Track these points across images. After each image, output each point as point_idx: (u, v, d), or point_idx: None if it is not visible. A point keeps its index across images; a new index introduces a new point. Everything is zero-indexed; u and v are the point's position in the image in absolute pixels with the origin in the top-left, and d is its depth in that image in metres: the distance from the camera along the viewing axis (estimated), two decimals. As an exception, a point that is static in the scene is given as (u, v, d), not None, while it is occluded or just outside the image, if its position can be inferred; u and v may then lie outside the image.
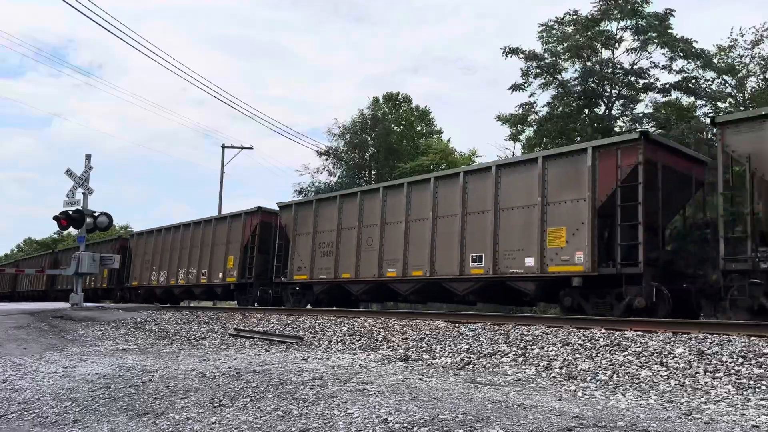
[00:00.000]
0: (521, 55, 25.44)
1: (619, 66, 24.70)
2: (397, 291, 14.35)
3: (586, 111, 25.49)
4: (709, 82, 23.90)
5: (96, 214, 17.15)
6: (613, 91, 25.09)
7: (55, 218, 17.01)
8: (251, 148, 37.75)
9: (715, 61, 23.78)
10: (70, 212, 16.93)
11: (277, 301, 17.91)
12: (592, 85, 24.87)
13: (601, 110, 25.54)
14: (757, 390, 5.18)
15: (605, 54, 25.15)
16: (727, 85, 24.18)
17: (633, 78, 24.65)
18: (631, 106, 25.13)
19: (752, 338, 6.53)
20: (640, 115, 24.85)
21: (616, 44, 24.84)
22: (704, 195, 12.10)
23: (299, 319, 11.60)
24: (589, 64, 24.81)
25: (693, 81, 23.87)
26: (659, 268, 10.57)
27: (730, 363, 5.86)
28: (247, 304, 18.44)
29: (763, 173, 9.05)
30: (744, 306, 9.07)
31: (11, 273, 36.75)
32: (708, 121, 23.39)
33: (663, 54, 23.94)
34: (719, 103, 23.56)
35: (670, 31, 23.33)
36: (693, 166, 11.65)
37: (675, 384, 5.57)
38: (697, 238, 10.92)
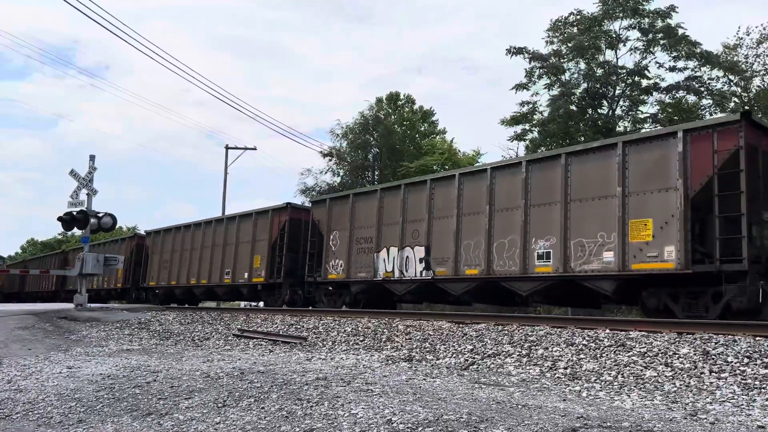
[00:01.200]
0: (526, 55, 25.40)
1: (622, 66, 24.66)
2: (195, 293, 21.95)
3: (590, 111, 25.45)
4: (714, 81, 23.84)
5: (100, 214, 17.18)
6: (617, 91, 25.05)
7: (60, 219, 17.05)
8: (255, 148, 37.79)
9: (721, 59, 23.72)
10: (75, 213, 16.96)
11: (147, 300, 24.76)
12: (596, 86, 24.83)
13: (604, 111, 25.50)
14: (762, 390, 5.16)
15: (609, 54, 25.12)
16: (732, 84, 24.10)
17: (637, 78, 24.60)
18: (633, 107, 25.07)
19: (757, 338, 6.50)
20: (643, 115, 24.82)
21: (620, 44, 24.81)
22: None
23: (303, 320, 11.61)
24: (592, 64, 24.78)
25: (697, 80, 23.82)
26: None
27: (736, 363, 5.83)
28: (132, 302, 25.06)
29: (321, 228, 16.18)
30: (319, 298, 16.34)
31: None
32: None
33: (667, 54, 23.90)
34: (724, 103, 23.48)
35: (673, 27, 23.27)
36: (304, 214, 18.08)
37: (680, 384, 5.55)
38: None
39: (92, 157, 17.64)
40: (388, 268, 13.85)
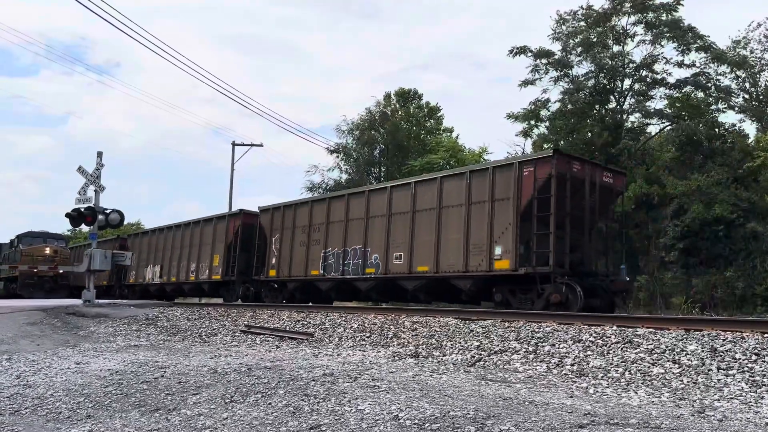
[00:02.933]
0: (529, 54, 25.34)
1: (629, 60, 24.54)
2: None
3: (597, 107, 25.35)
4: (722, 77, 23.68)
5: (108, 211, 17.23)
6: (625, 86, 24.93)
7: (68, 215, 17.12)
8: (261, 145, 37.79)
9: (729, 55, 23.56)
10: (82, 209, 17.03)
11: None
12: (603, 81, 24.73)
13: (612, 106, 25.40)
14: (771, 387, 5.13)
15: (616, 50, 25.00)
16: (740, 80, 23.94)
17: (644, 73, 24.48)
18: (640, 102, 24.92)
19: (766, 335, 6.47)
20: (651, 110, 24.69)
21: (628, 39, 24.70)
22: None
23: (309, 316, 11.63)
24: (600, 59, 24.67)
25: (705, 76, 23.68)
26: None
27: (744, 360, 5.81)
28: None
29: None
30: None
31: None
32: (720, 116, 23.21)
33: (675, 48, 23.79)
34: (733, 98, 23.33)
35: (678, 20, 23.17)
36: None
37: (687, 381, 5.53)
38: None
39: (99, 154, 17.67)
40: (149, 276, 24.54)
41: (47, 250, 28.00)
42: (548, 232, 11.31)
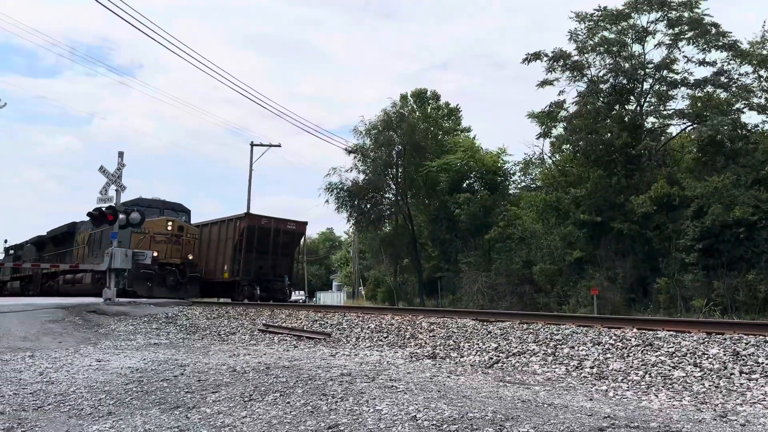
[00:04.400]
0: (544, 58, 25.21)
1: (649, 61, 24.26)
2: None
3: (617, 107, 25.10)
4: (744, 76, 23.31)
5: (128, 210, 17.41)
6: (645, 87, 24.66)
7: (89, 215, 17.34)
8: (279, 145, 38.03)
9: (750, 54, 23.20)
10: (103, 209, 17.23)
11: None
12: (623, 81, 24.48)
13: (632, 107, 25.14)
14: (795, 392, 5.04)
15: (636, 49, 24.75)
16: (763, 79, 23.55)
17: (665, 73, 24.18)
18: (660, 103, 24.61)
19: (790, 339, 6.36)
20: (671, 111, 24.39)
21: (647, 38, 24.43)
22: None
23: (327, 316, 11.66)
24: (618, 59, 24.43)
25: (726, 74, 23.35)
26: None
27: (767, 364, 5.72)
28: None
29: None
30: None
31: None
32: (743, 117, 22.83)
33: (696, 47, 23.48)
34: (755, 98, 22.97)
35: (700, 18, 22.87)
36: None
37: (709, 385, 5.46)
38: None
39: (121, 154, 17.85)
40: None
41: (169, 226, 19.08)
42: (240, 258, 20.28)
